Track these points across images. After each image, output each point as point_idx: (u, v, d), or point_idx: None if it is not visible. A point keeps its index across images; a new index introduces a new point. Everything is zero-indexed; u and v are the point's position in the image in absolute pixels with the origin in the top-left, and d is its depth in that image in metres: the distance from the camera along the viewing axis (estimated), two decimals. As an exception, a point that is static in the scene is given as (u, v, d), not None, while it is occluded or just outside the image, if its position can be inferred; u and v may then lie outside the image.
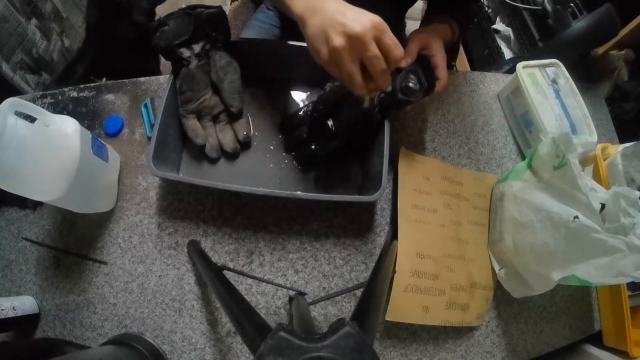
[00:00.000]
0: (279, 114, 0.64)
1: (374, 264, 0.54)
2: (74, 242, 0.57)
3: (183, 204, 0.59)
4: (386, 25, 0.41)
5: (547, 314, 0.61)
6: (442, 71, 0.55)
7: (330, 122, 0.58)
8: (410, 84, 0.54)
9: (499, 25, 1.22)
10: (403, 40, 0.61)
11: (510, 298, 0.58)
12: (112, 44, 0.99)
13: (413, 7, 0.76)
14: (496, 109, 0.74)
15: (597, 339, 0.61)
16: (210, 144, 0.58)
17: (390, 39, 0.42)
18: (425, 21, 0.67)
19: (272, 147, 0.62)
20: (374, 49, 0.41)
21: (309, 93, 0.65)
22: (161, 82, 0.67)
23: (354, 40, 0.40)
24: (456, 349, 0.57)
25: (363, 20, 0.40)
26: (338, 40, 0.40)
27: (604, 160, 0.63)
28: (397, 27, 0.91)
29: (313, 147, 0.59)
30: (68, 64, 0.92)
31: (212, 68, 0.57)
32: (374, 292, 0.39)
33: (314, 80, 0.62)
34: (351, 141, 0.58)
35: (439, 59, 0.55)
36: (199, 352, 0.53)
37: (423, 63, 0.56)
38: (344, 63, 0.41)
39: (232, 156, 0.60)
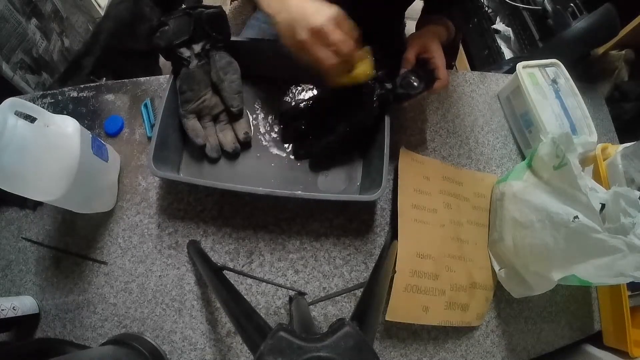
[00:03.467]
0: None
1: (374, 264, 0.54)
2: (74, 242, 0.57)
3: (183, 204, 0.59)
4: (344, 15, 0.46)
5: (547, 314, 0.61)
6: (442, 71, 0.55)
7: (329, 117, 0.58)
8: (410, 80, 0.55)
9: (499, 25, 1.22)
10: (403, 40, 0.61)
11: (510, 298, 0.58)
12: (123, 47, 0.99)
13: (413, 7, 0.76)
14: (496, 109, 0.74)
15: (597, 339, 0.61)
16: (210, 144, 0.58)
17: (348, 25, 0.47)
18: (421, 22, 0.67)
19: (272, 147, 0.62)
20: (336, 36, 0.45)
21: (309, 92, 0.66)
22: (161, 82, 0.67)
23: (317, 32, 0.45)
24: (456, 349, 0.57)
25: (322, 13, 0.45)
26: (303, 34, 0.45)
27: (604, 160, 0.63)
28: (397, 27, 0.91)
29: (310, 139, 0.59)
30: (75, 58, 0.92)
31: (212, 68, 0.57)
32: (374, 292, 0.39)
33: (314, 80, 0.62)
34: (349, 137, 0.58)
35: (438, 59, 0.56)
36: (199, 352, 0.53)
37: (423, 65, 0.56)
38: (312, 52, 0.46)
39: (232, 156, 0.60)
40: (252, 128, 0.62)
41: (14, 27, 0.78)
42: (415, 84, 0.55)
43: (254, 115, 0.64)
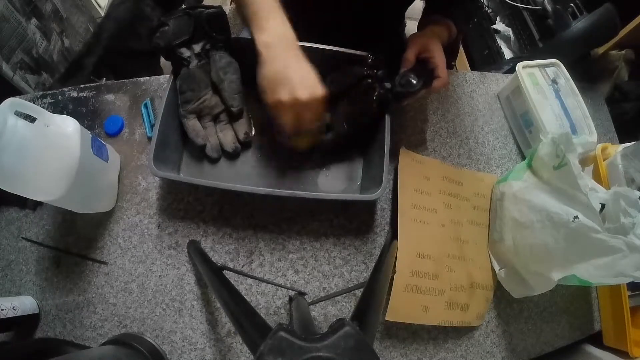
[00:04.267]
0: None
1: (374, 264, 0.54)
2: (74, 242, 0.57)
3: (183, 204, 0.59)
4: (324, 98, 0.48)
5: (547, 314, 0.61)
6: (442, 70, 0.56)
7: (327, 114, 0.58)
8: (409, 78, 0.55)
9: (499, 25, 1.22)
10: (403, 40, 0.61)
11: (510, 298, 0.58)
12: (124, 46, 0.99)
13: (413, 7, 0.76)
14: (496, 109, 0.74)
15: (597, 339, 0.61)
16: (210, 144, 0.58)
17: (322, 109, 0.50)
18: (422, 23, 0.67)
19: (273, 147, 0.62)
20: (308, 116, 0.48)
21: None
22: (161, 82, 0.67)
23: (296, 102, 0.46)
24: (456, 349, 0.57)
25: (312, 90, 0.47)
26: (284, 96, 0.46)
27: (604, 160, 0.63)
28: (397, 27, 0.91)
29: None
30: (77, 58, 0.92)
31: (212, 68, 0.57)
32: (374, 292, 0.39)
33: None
34: (348, 135, 0.58)
35: (438, 59, 0.56)
36: (199, 352, 0.53)
37: (422, 65, 0.57)
38: (281, 114, 0.48)
39: (232, 156, 0.60)
40: (252, 128, 0.62)
41: (14, 27, 0.78)
42: (413, 81, 0.55)
43: (254, 115, 0.63)
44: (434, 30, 0.60)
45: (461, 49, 1.33)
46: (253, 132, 0.61)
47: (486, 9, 1.26)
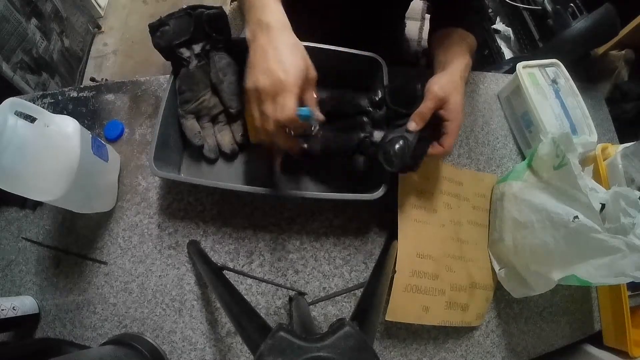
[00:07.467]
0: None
1: (374, 264, 0.54)
2: (74, 242, 0.57)
3: (183, 204, 0.59)
4: (294, 86, 0.40)
5: (547, 314, 0.61)
6: (449, 141, 0.48)
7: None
8: (396, 147, 0.45)
9: (499, 25, 1.22)
10: (404, 41, 0.60)
11: (510, 298, 0.58)
12: None
13: (414, 7, 0.76)
14: (496, 109, 0.74)
15: (597, 339, 0.61)
16: (208, 145, 0.58)
17: (290, 104, 0.40)
18: (435, 43, 0.59)
19: (273, 147, 0.62)
20: (269, 109, 0.40)
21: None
22: (161, 82, 0.67)
23: (257, 90, 0.41)
24: (456, 349, 0.57)
25: (273, 73, 0.39)
26: (252, 83, 0.41)
27: (604, 160, 0.63)
28: (397, 28, 0.91)
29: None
30: None
31: (211, 69, 0.57)
32: (374, 292, 0.39)
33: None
34: (332, 152, 0.56)
35: (454, 125, 0.47)
36: (199, 352, 0.53)
37: (432, 122, 0.48)
38: (250, 101, 0.43)
39: (230, 157, 0.60)
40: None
41: (14, 27, 0.78)
42: (392, 160, 0.45)
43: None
44: (459, 71, 0.49)
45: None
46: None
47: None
